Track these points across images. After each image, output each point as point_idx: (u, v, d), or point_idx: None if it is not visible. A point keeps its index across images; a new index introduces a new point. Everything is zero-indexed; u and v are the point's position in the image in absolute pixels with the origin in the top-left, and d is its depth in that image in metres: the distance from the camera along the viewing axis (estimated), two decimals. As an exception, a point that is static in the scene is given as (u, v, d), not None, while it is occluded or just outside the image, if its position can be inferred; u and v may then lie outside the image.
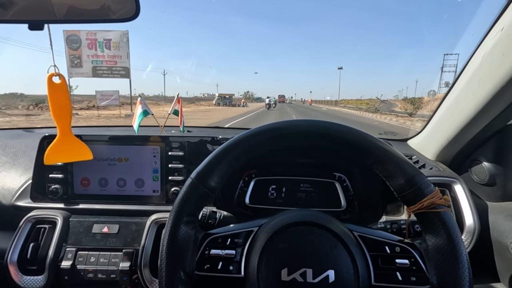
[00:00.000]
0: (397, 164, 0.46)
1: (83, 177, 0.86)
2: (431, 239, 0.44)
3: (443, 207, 0.43)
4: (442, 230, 0.43)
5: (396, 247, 0.46)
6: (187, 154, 0.87)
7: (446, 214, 0.43)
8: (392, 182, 0.47)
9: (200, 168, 0.49)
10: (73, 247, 0.78)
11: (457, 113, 0.82)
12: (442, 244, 0.42)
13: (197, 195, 0.48)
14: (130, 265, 0.75)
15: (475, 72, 0.73)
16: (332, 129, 0.49)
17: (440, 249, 0.42)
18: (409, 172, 0.45)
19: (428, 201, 0.43)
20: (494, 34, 0.65)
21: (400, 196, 0.46)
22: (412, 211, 0.45)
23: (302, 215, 0.49)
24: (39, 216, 0.81)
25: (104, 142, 0.86)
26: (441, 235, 0.43)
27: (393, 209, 0.88)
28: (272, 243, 0.46)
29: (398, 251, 0.46)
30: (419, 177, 0.45)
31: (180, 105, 1.25)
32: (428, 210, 0.43)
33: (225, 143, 0.50)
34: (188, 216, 0.48)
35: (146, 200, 0.87)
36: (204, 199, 0.49)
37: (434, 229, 0.44)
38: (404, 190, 0.45)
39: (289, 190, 0.93)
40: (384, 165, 0.47)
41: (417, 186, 0.44)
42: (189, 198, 0.48)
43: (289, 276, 0.43)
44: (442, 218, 0.43)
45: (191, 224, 0.49)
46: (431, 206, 0.43)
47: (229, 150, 0.49)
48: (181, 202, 0.48)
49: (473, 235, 0.75)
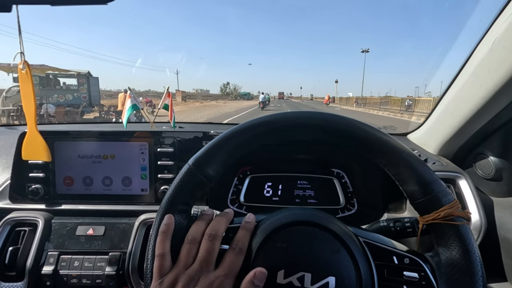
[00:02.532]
0: (412, 168, 0.41)
1: (66, 176, 0.81)
2: (445, 253, 0.39)
3: (462, 219, 0.38)
4: (459, 245, 0.38)
5: (405, 258, 0.41)
6: (177, 150, 0.82)
7: (464, 228, 0.38)
8: (405, 187, 0.42)
9: (198, 154, 0.45)
10: (56, 251, 0.72)
11: (462, 105, 0.78)
12: (457, 259, 0.38)
13: (193, 183, 0.44)
14: (117, 269, 0.70)
15: (485, 60, 0.68)
16: (344, 124, 0.44)
17: (455, 265, 0.38)
18: (426, 177, 0.40)
19: (445, 211, 0.38)
20: (505, 17, 0.60)
21: (413, 204, 0.42)
22: (426, 221, 0.40)
23: (304, 214, 0.45)
24: (18, 218, 0.76)
25: (88, 138, 0.81)
26: (457, 250, 0.38)
27: (395, 206, 0.85)
28: (269, 242, 0.41)
29: (407, 263, 0.41)
30: (436, 184, 0.40)
31: (170, 99, 1.19)
32: (444, 221, 0.39)
33: (228, 130, 0.45)
34: (182, 204, 0.44)
35: (134, 199, 0.81)
36: (200, 188, 0.45)
37: (449, 243, 0.39)
38: (418, 197, 0.41)
39: (286, 187, 0.89)
40: (398, 167, 0.42)
41: (434, 194, 0.39)
42: (184, 185, 0.44)
43: (285, 279, 0.39)
44: (459, 232, 0.38)
45: (185, 214, 0.44)
46: (449, 218, 0.38)
47: (232, 138, 0.45)
48: (176, 188, 0.44)
49: (479, 232, 0.71)
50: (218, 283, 0.38)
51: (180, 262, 0.40)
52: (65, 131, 0.81)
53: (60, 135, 0.80)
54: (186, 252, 0.41)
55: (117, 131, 0.82)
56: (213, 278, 0.38)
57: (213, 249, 0.41)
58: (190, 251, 0.41)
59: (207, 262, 0.40)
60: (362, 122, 0.44)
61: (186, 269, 0.40)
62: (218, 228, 0.43)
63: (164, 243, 0.41)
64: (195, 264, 0.40)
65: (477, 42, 0.71)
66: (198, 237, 0.42)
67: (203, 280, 0.38)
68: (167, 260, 0.40)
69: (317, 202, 0.88)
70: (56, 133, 0.80)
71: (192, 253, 0.41)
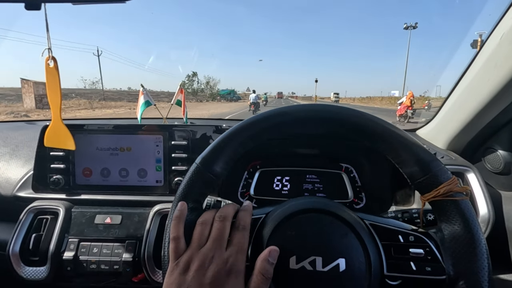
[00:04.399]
0: (410, 150, 0.43)
1: (85, 167, 0.85)
2: (448, 228, 0.41)
3: (461, 195, 0.40)
4: (460, 219, 0.40)
5: (410, 236, 0.43)
6: (190, 143, 0.85)
7: (464, 202, 0.40)
8: (405, 169, 0.44)
9: (205, 153, 0.47)
10: (76, 238, 0.76)
11: (470, 100, 0.79)
12: (460, 233, 0.40)
13: (202, 181, 0.46)
14: (133, 256, 0.74)
15: (492, 54, 0.69)
16: (343, 114, 0.46)
17: (458, 239, 0.40)
18: (424, 158, 0.42)
19: (444, 188, 0.40)
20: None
21: (414, 184, 0.44)
22: (427, 199, 0.42)
23: (311, 202, 0.47)
24: (40, 206, 0.80)
25: (106, 132, 0.85)
26: (458, 224, 0.40)
27: (403, 199, 0.86)
28: (279, 231, 0.44)
29: (412, 240, 0.43)
30: (434, 163, 0.42)
31: (183, 95, 1.23)
32: (444, 198, 0.41)
33: (231, 128, 0.48)
34: (192, 202, 0.46)
35: (149, 190, 0.85)
36: (209, 186, 0.47)
37: (450, 218, 0.41)
38: (418, 177, 0.43)
39: (295, 181, 0.91)
40: (397, 151, 0.44)
41: (433, 172, 0.41)
42: (193, 184, 0.46)
43: (297, 264, 0.41)
44: (459, 206, 0.40)
45: (195, 211, 0.47)
46: (448, 194, 0.40)
47: (236, 134, 0.47)
48: (185, 187, 0.46)
49: (488, 225, 0.72)
50: (233, 260, 0.40)
51: (193, 243, 0.42)
52: (85, 125, 0.85)
53: (80, 128, 0.84)
54: (199, 233, 0.43)
55: (134, 125, 0.85)
56: (226, 256, 0.40)
57: (224, 227, 0.43)
58: (203, 231, 0.43)
59: (220, 241, 0.42)
60: (358, 110, 0.47)
61: (200, 248, 0.42)
62: (227, 211, 0.46)
63: (178, 227, 0.43)
64: (208, 243, 0.42)
65: (486, 37, 0.72)
66: (209, 219, 0.45)
67: (218, 259, 0.40)
68: (181, 243, 0.42)
69: (325, 196, 0.89)
70: (76, 126, 0.84)
71: (205, 233, 0.43)
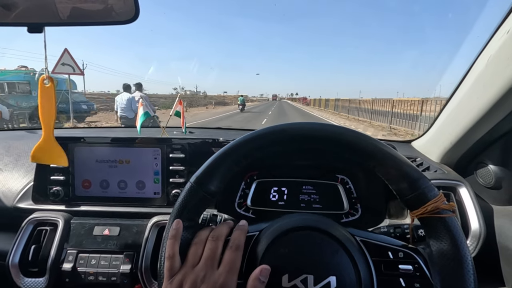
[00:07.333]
0: (399, 167, 0.45)
1: (84, 179, 0.86)
2: (435, 244, 0.43)
3: (447, 212, 0.42)
4: (447, 236, 0.41)
5: (399, 253, 0.45)
6: (188, 156, 0.86)
7: (450, 219, 0.42)
8: (394, 186, 0.46)
9: (199, 172, 0.49)
10: (74, 249, 0.78)
11: (461, 116, 0.81)
12: (446, 249, 0.41)
13: (196, 200, 0.48)
14: (131, 268, 0.75)
15: (480, 75, 0.71)
16: (332, 131, 0.48)
17: (444, 255, 0.41)
18: (412, 175, 0.44)
19: (432, 205, 0.42)
20: (500, 36, 0.64)
21: (403, 200, 0.45)
22: (416, 215, 0.44)
23: (303, 219, 0.48)
24: (40, 218, 0.82)
25: (105, 144, 0.86)
26: (445, 240, 0.41)
27: (397, 212, 0.87)
28: (272, 249, 0.45)
29: (401, 257, 0.44)
30: (422, 180, 0.43)
31: (182, 107, 1.25)
32: (432, 215, 0.42)
33: (225, 147, 0.49)
34: (187, 221, 0.47)
35: (147, 202, 0.86)
36: (204, 204, 0.49)
37: (438, 234, 0.42)
38: (407, 194, 0.44)
39: (291, 192, 0.92)
40: (386, 168, 0.46)
41: (421, 190, 0.43)
42: (188, 203, 0.48)
43: (290, 282, 0.42)
44: (446, 223, 0.42)
45: (191, 229, 0.48)
46: (435, 211, 0.42)
47: (229, 153, 0.49)
48: (180, 207, 0.48)
49: (479, 240, 0.73)
50: (223, 280, 0.41)
51: (187, 262, 0.44)
52: (84, 137, 0.86)
53: (79, 140, 0.86)
54: (193, 253, 0.45)
55: (133, 138, 0.87)
56: (217, 275, 0.42)
57: (217, 247, 0.45)
58: (196, 251, 0.45)
59: (212, 260, 0.43)
60: (349, 128, 0.48)
61: (193, 268, 0.43)
62: (221, 231, 0.47)
63: (173, 245, 0.44)
64: (201, 263, 0.43)
65: (476, 57, 0.74)
66: (203, 239, 0.46)
67: (209, 278, 0.41)
68: (176, 262, 0.44)
69: (321, 207, 0.90)
70: (76, 139, 0.86)
71: (198, 253, 0.45)
